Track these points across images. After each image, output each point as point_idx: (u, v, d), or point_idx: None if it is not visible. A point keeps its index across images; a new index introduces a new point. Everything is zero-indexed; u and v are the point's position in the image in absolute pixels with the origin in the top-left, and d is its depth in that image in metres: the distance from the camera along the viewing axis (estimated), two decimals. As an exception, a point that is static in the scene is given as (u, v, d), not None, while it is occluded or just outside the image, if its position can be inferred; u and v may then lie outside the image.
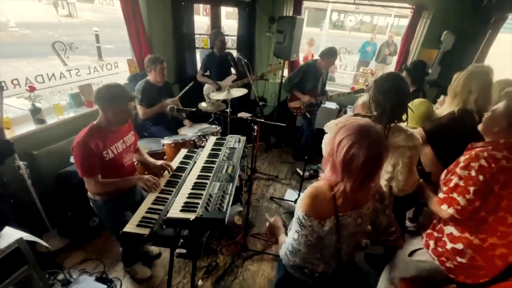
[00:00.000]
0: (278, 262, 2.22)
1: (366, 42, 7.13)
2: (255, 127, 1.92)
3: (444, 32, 3.31)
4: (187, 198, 1.44)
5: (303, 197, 1.03)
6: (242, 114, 3.30)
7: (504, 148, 1.15)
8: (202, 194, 1.44)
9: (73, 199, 2.10)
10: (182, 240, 1.41)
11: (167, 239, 1.38)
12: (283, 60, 3.67)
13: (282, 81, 3.79)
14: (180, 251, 2.14)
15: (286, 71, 4.02)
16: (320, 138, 1.53)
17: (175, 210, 1.34)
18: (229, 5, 4.26)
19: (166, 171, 1.82)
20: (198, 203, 1.37)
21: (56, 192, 2.19)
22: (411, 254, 1.44)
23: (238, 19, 4.05)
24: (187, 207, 1.36)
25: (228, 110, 2.88)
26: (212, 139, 2.13)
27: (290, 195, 3.04)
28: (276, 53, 3.71)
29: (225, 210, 1.32)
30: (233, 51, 4.00)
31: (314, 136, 3.44)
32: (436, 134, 1.61)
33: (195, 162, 1.83)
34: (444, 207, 1.24)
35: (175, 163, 1.89)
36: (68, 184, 2.10)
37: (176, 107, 2.06)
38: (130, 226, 1.35)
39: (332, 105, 4.07)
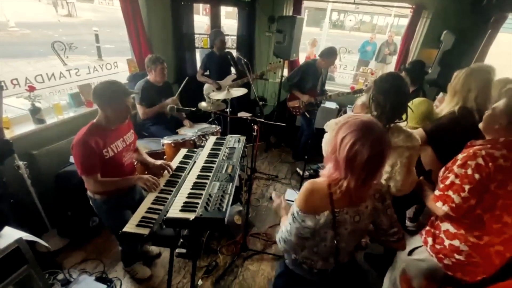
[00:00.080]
0: (280, 258, 2.23)
1: (366, 42, 7.14)
2: (255, 127, 1.92)
3: (444, 31, 3.31)
4: (187, 198, 1.44)
5: (300, 191, 1.05)
6: (242, 114, 3.29)
7: (503, 146, 1.14)
8: (201, 194, 1.44)
9: (72, 199, 2.10)
10: (182, 240, 1.41)
11: (167, 239, 1.37)
12: (283, 60, 3.67)
13: (282, 80, 3.79)
14: (180, 251, 2.14)
15: (286, 71, 4.02)
16: (320, 137, 1.53)
17: (175, 210, 1.34)
18: (228, 4, 4.26)
19: (165, 171, 1.82)
20: (198, 203, 1.37)
21: (55, 192, 2.19)
22: (410, 252, 1.44)
23: (238, 19, 4.05)
24: (187, 207, 1.36)
25: (228, 110, 2.88)
26: (212, 139, 2.13)
27: (290, 195, 3.04)
28: (275, 52, 3.71)
29: (224, 209, 1.32)
30: (233, 51, 4.00)
31: (314, 135, 3.43)
32: (436, 134, 1.61)
33: (195, 162, 1.83)
34: (439, 204, 1.25)
35: (175, 163, 1.89)
36: (67, 184, 2.10)
37: (176, 107, 2.06)
38: (130, 226, 1.35)
39: (332, 105, 4.07)
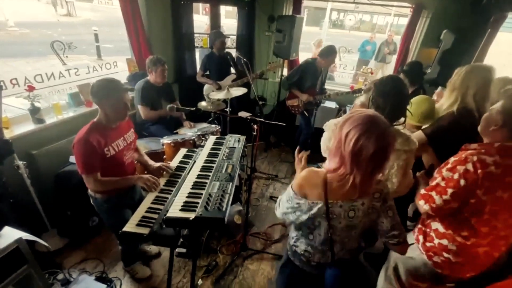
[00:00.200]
0: (280, 258, 2.23)
1: (366, 41, 7.13)
2: (255, 127, 1.92)
3: (443, 31, 3.31)
4: (187, 197, 1.44)
5: (299, 176, 1.07)
6: (242, 114, 3.29)
7: (496, 152, 1.12)
8: (201, 194, 1.44)
9: (72, 199, 2.10)
10: (181, 239, 1.41)
11: (167, 239, 1.37)
12: (283, 59, 3.66)
13: (282, 80, 3.79)
14: (180, 251, 2.14)
15: (285, 70, 4.02)
16: (319, 137, 1.53)
17: (175, 210, 1.34)
18: (228, 4, 4.25)
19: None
20: (198, 203, 1.37)
21: (55, 191, 2.19)
22: None
23: (238, 18, 4.04)
24: (187, 207, 1.36)
25: (227, 110, 2.87)
26: (211, 139, 2.13)
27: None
28: (275, 52, 3.71)
29: (224, 209, 1.32)
30: (232, 50, 4.00)
31: (313, 135, 3.43)
32: (437, 135, 1.61)
33: (195, 162, 1.83)
34: (421, 203, 1.28)
35: (175, 163, 1.89)
36: (67, 183, 2.10)
37: (175, 107, 2.06)
38: (130, 226, 1.35)
39: (331, 104, 4.07)
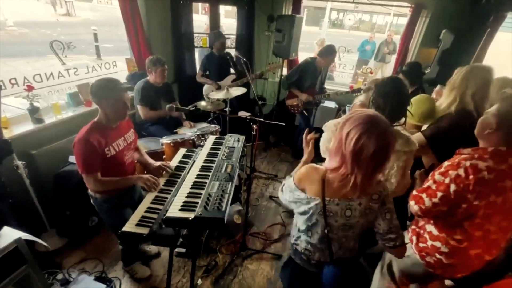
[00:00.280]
0: (279, 258, 2.23)
1: (365, 41, 7.13)
2: (254, 126, 1.92)
3: (443, 30, 3.31)
4: (186, 197, 1.44)
5: (300, 169, 1.11)
6: (242, 113, 3.29)
7: (490, 157, 1.12)
8: (201, 193, 1.44)
9: (71, 199, 2.10)
10: (181, 239, 1.41)
11: (167, 239, 1.37)
12: (282, 59, 3.66)
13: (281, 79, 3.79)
14: (179, 250, 2.12)
15: (285, 70, 4.01)
16: (318, 137, 1.53)
17: (174, 210, 1.34)
18: (228, 3, 4.25)
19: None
20: (197, 202, 1.37)
21: (54, 191, 2.19)
22: None
23: (237, 18, 4.04)
24: (186, 206, 1.36)
25: (227, 109, 2.87)
26: (211, 138, 2.13)
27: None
28: (275, 52, 3.71)
29: (224, 209, 1.32)
30: (231, 50, 3.99)
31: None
32: (436, 137, 1.61)
33: (194, 162, 1.82)
34: (412, 203, 1.30)
35: (174, 163, 1.89)
36: (66, 183, 2.10)
37: (175, 106, 2.05)
38: (129, 226, 1.35)
39: (331, 104, 4.08)
